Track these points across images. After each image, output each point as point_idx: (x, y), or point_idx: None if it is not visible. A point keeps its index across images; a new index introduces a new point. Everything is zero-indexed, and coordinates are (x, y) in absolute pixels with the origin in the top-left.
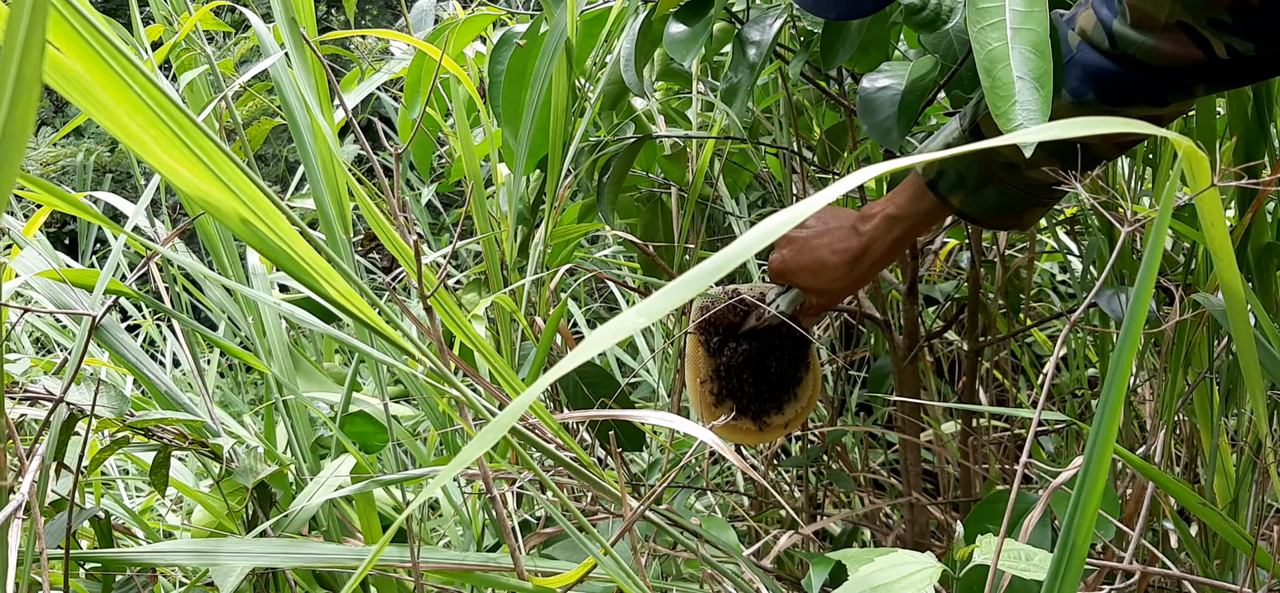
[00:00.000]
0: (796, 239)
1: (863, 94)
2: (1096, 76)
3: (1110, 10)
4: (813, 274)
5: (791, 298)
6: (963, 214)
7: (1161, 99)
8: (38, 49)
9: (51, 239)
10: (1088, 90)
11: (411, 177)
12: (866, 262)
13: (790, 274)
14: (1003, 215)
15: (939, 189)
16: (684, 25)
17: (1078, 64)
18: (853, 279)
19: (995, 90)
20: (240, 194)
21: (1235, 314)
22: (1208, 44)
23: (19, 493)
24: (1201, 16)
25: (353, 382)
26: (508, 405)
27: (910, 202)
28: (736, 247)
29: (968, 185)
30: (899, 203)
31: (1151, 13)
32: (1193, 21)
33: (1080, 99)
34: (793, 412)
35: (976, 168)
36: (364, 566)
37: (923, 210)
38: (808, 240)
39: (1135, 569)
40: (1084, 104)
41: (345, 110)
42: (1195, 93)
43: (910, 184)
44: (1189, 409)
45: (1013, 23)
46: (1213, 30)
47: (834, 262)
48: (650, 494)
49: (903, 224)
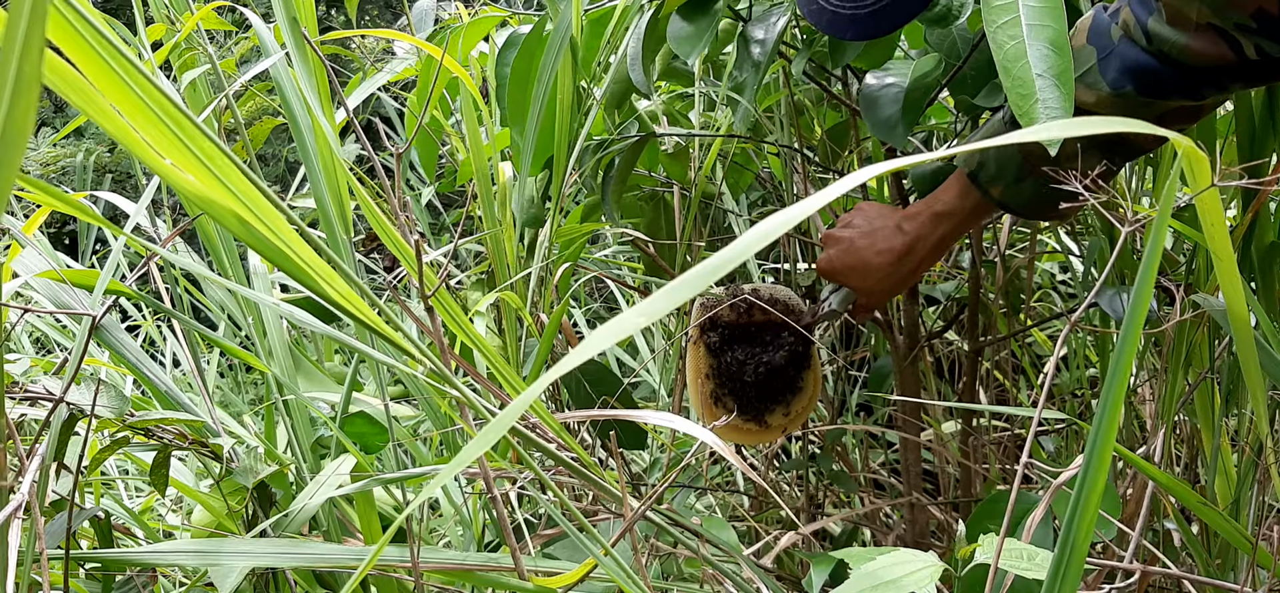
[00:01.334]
0: (842, 239)
1: (867, 91)
2: (1135, 70)
3: (1146, 9)
4: (858, 275)
5: (843, 296)
6: (1004, 205)
7: (1198, 93)
8: (37, 49)
9: (51, 239)
10: (1126, 82)
11: (412, 176)
12: (912, 261)
13: (837, 275)
14: (1042, 207)
15: (980, 180)
16: (688, 23)
17: (1118, 56)
18: (898, 279)
19: (1016, 89)
20: (240, 195)
21: (1236, 314)
22: (1238, 45)
23: (19, 493)
24: (1228, 20)
25: (353, 382)
26: (508, 405)
27: (957, 198)
28: (737, 246)
29: (1007, 177)
30: (945, 199)
31: (1184, 12)
32: (1222, 24)
33: (1119, 91)
34: (793, 411)
35: (1017, 161)
36: (364, 565)
37: (968, 206)
38: (853, 241)
39: (1135, 569)
40: (1123, 95)
41: (346, 110)
42: (1231, 89)
43: (955, 181)
44: (1189, 409)
45: (1029, 20)
46: (1241, 33)
47: (879, 262)
48: (651, 494)
49: (949, 221)
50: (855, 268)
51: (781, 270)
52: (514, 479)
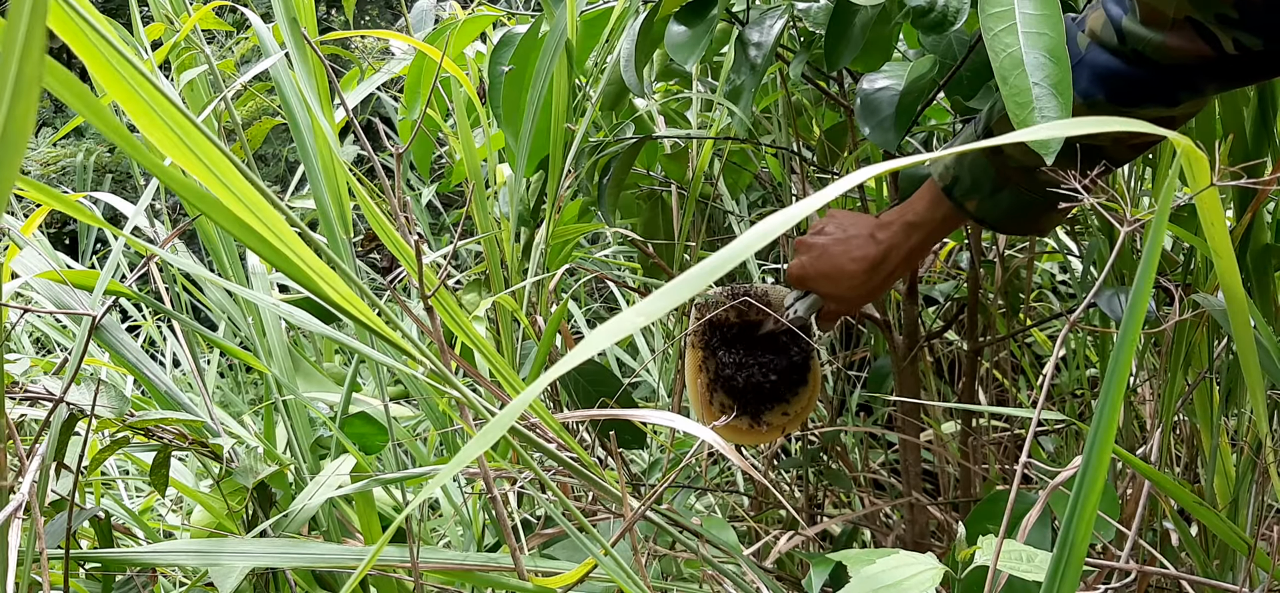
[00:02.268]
0: (815, 246)
1: (862, 94)
2: (1106, 77)
3: (1121, 7)
4: (831, 281)
5: (810, 303)
6: (980, 219)
7: (1172, 98)
8: (38, 50)
9: (52, 239)
10: (1097, 91)
11: (412, 177)
12: (884, 269)
13: (809, 280)
14: (1019, 220)
15: (954, 195)
16: (685, 27)
17: (1087, 65)
18: (870, 287)
19: (1013, 97)
20: (240, 195)
21: (1235, 314)
22: (1216, 39)
23: (19, 493)
24: (1208, 11)
25: (352, 382)
26: (508, 405)
27: (928, 209)
28: (736, 246)
29: (983, 190)
30: (917, 210)
31: (1160, 8)
32: (1201, 16)
33: (1090, 99)
34: (793, 412)
35: (991, 172)
36: (363, 565)
37: (939, 217)
38: (826, 248)
39: (1133, 569)
40: (1094, 104)
41: (346, 110)
42: (1206, 92)
43: (927, 192)
44: (1189, 409)
45: (1025, 27)
46: (1220, 25)
47: (852, 269)
48: (651, 494)
49: (920, 231)
50: (827, 274)
51: (781, 271)
52: (514, 479)
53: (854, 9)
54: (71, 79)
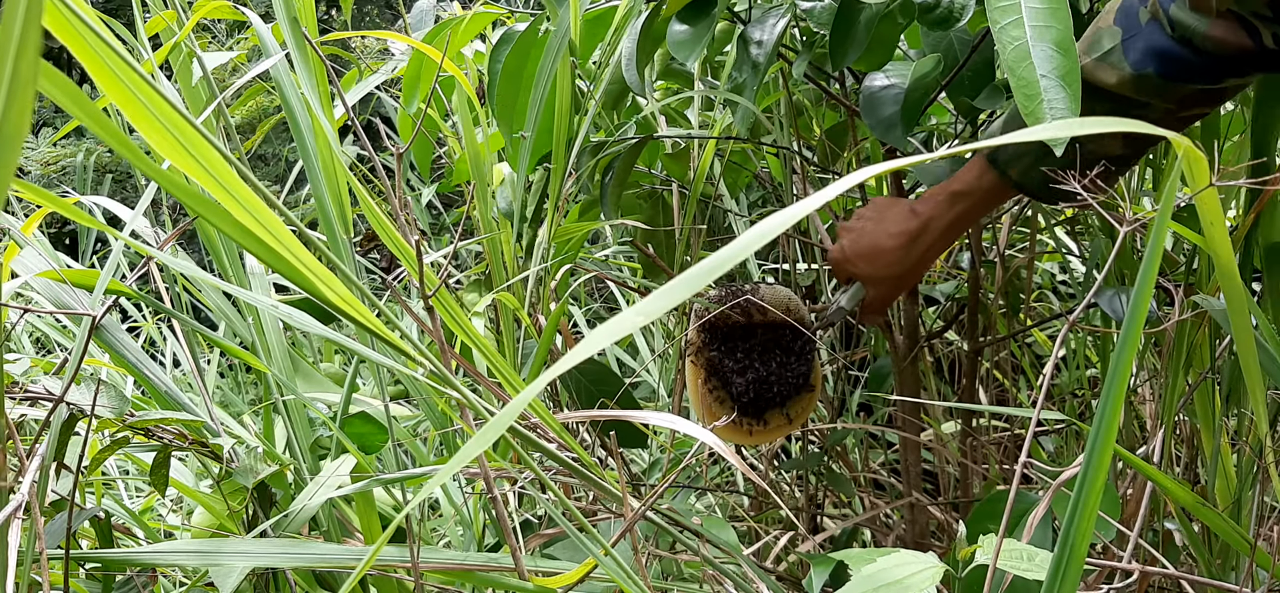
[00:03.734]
0: (854, 229)
1: (866, 93)
2: (1159, 53)
3: None
4: (868, 261)
5: (852, 294)
6: (1021, 187)
7: (1218, 78)
8: (33, 50)
9: (52, 239)
10: (1149, 64)
11: (412, 176)
12: (924, 241)
13: (849, 263)
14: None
15: (999, 160)
16: (687, 26)
17: (1144, 38)
18: (910, 263)
19: (1022, 90)
20: (239, 199)
21: (1236, 315)
22: (1257, 32)
23: (19, 493)
24: (1246, 7)
25: (352, 382)
26: (508, 404)
27: (975, 178)
28: (736, 245)
29: (1027, 157)
30: (965, 179)
31: None
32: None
33: (1141, 72)
34: (793, 412)
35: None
36: (363, 565)
37: (985, 187)
38: (864, 229)
39: (1135, 569)
40: (1144, 76)
41: (346, 108)
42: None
43: (975, 163)
44: (1189, 409)
45: (1032, 20)
46: (1259, 21)
47: (890, 244)
48: (651, 495)
49: (965, 201)
50: (865, 253)
51: (781, 270)
52: (514, 479)
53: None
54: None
